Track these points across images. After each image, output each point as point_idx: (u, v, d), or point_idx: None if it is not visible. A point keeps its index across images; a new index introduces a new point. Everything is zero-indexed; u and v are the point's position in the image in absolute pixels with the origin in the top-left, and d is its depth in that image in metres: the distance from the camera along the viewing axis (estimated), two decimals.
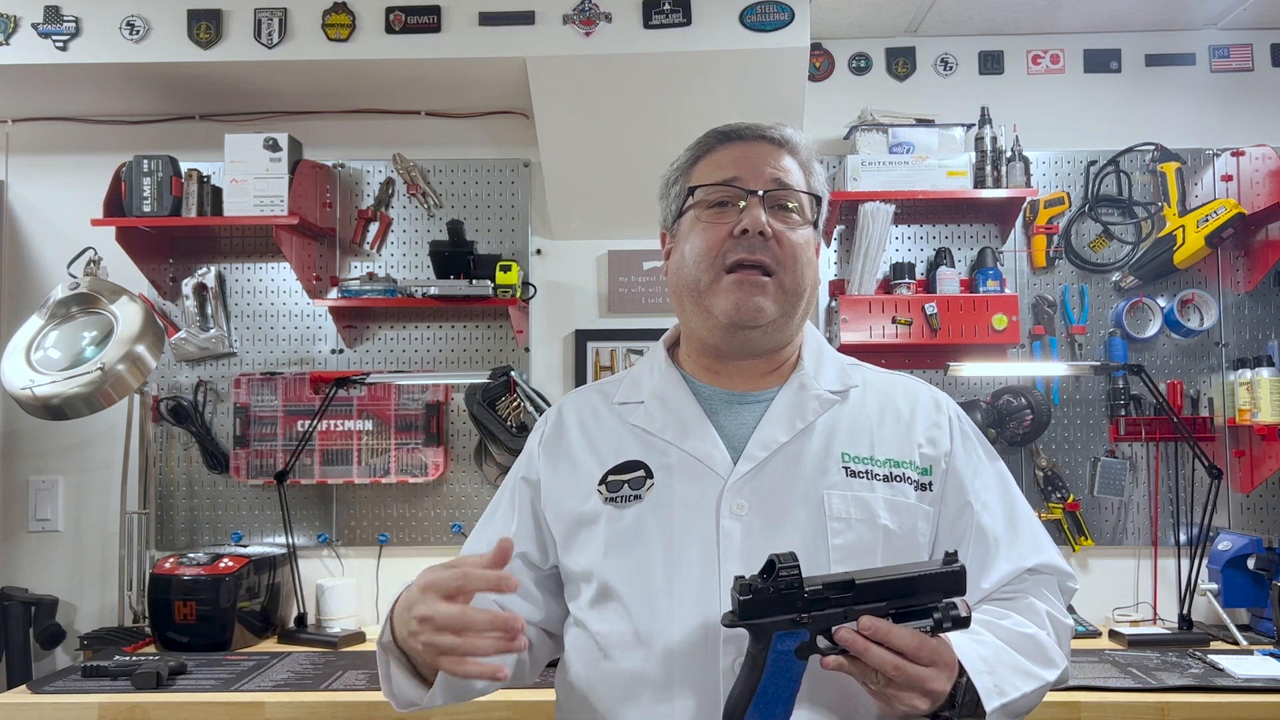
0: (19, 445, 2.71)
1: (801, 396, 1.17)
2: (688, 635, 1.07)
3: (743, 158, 1.17)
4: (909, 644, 0.95)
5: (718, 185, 1.16)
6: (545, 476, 1.22)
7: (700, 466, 1.14)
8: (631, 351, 2.67)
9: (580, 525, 1.16)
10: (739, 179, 1.15)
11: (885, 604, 0.97)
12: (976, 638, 1.06)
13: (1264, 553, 2.34)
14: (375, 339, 2.70)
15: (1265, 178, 2.48)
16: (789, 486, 1.12)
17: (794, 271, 1.14)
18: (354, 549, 2.66)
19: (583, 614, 1.16)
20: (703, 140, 1.21)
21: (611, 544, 1.13)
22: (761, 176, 1.15)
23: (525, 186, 2.71)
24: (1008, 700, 1.03)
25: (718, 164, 1.18)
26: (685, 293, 1.18)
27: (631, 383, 1.26)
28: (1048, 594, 1.19)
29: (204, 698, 1.90)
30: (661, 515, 1.12)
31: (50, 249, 2.72)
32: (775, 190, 1.15)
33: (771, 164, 1.16)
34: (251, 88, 2.57)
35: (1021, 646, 1.09)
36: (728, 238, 1.13)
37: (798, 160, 1.19)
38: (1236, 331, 2.59)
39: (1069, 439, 2.59)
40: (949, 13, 2.58)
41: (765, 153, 1.17)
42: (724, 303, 1.13)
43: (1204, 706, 1.83)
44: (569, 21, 2.34)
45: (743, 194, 1.14)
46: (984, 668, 1.03)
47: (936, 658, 0.97)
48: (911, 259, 2.62)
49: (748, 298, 1.12)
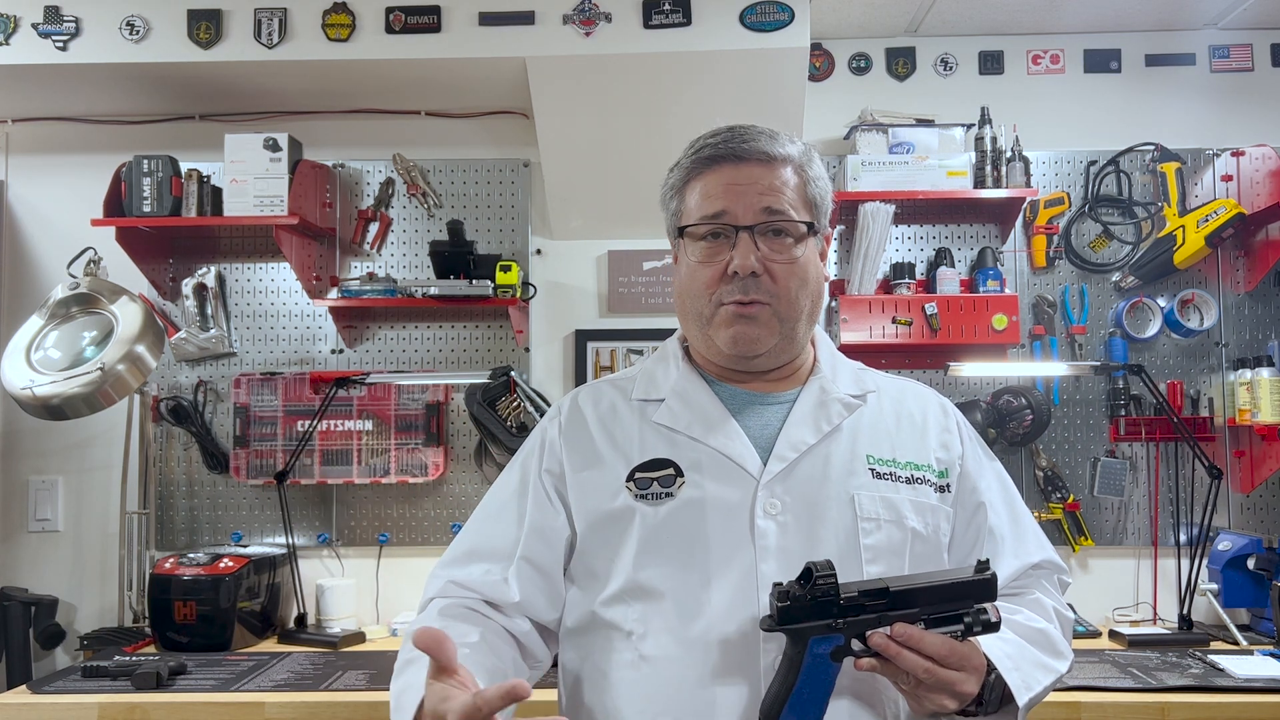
0: (19, 445, 2.71)
1: (824, 399, 1.19)
2: (727, 635, 1.07)
3: (731, 186, 1.15)
4: (939, 650, 0.99)
5: (707, 222, 1.15)
6: (569, 468, 1.20)
7: (731, 465, 1.14)
8: (631, 351, 2.67)
9: (608, 522, 1.15)
10: (727, 213, 1.14)
11: (918, 610, 1.00)
12: (1000, 636, 1.08)
13: (1264, 553, 2.34)
14: (375, 339, 2.70)
15: (1265, 178, 2.48)
16: (820, 487, 1.12)
17: (788, 300, 1.14)
18: (354, 549, 2.66)
19: (607, 611, 1.14)
20: (691, 163, 1.19)
21: (646, 542, 1.12)
22: (751, 208, 1.13)
23: (525, 186, 2.71)
24: (1034, 694, 1.07)
25: (707, 192, 1.16)
26: (690, 319, 1.20)
27: (647, 379, 1.25)
28: (1049, 588, 1.23)
29: (204, 698, 1.90)
30: (695, 514, 1.12)
31: (50, 249, 2.72)
32: (764, 223, 1.14)
33: (761, 189, 1.14)
34: (251, 88, 2.57)
35: (1037, 641, 1.13)
36: (721, 274, 1.14)
37: (792, 169, 1.17)
38: (1236, 331, 2.59)
39: (1069, 439, 2.59)
40: (949, 13, 2.57)
41: (755, 176, 1.15)
42: (723, 336, 1.15)
43: (1204, 706, 1.83)
44: (569, 21, 2.34)
45: (733, 231, 1.13)
46: (1012, 665, 1.07)
47: (965, 662, 1.01)
48: (911, 259, 2.62)
49: (744, 330, 1.14)
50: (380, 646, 2.37)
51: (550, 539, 1.19)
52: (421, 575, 2.75)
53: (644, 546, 1.12)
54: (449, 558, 1.24)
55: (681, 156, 1.22)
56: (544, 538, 1.19)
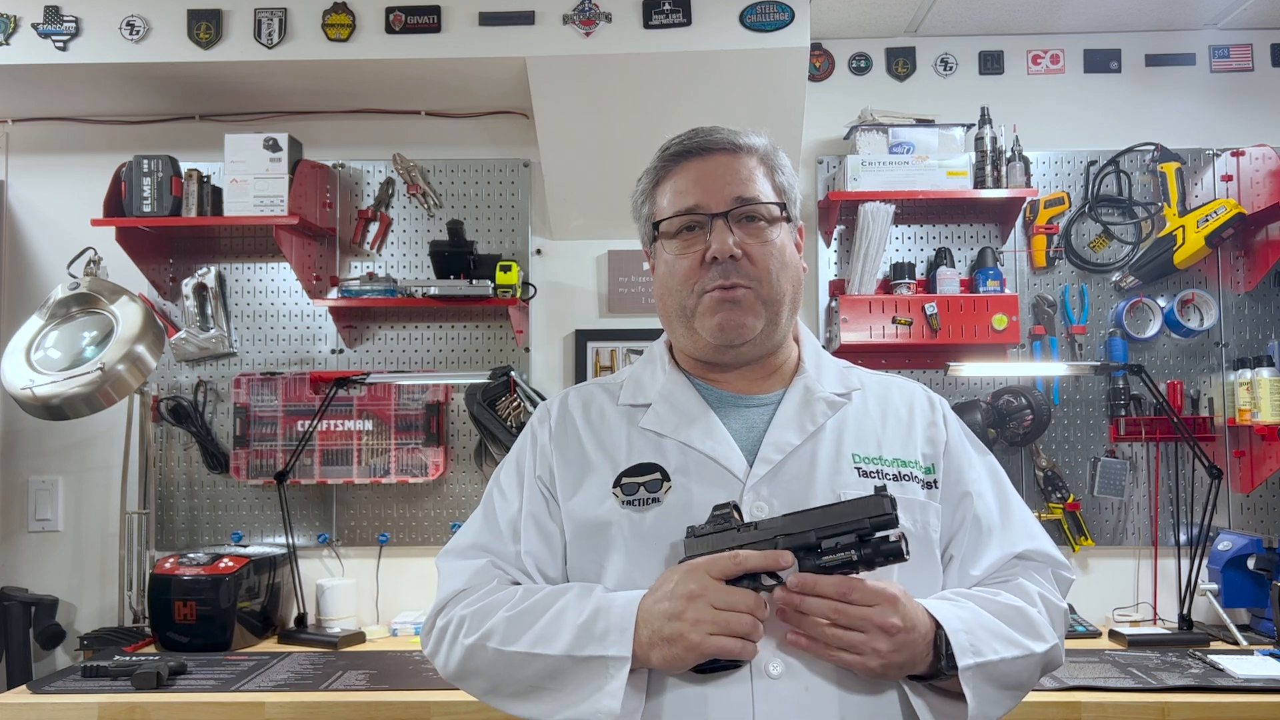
0: (19, 445, 2.71)
1: (808, 399, 1.19)
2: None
3: (701, 178, 1.17)
4: (838, 588, 1.01)
5: (681, 215, 1.16)
6: (558, 475, 1.20)
7: (717, 468, 1.14)
8: (631, 351, 2.67)
9: (595, 529, 1.15)
10: (699, 205, 1.16)
11: (810, 532, 1.04)
12: (956, 604, 1.08)
13: (1264, 553, 2.34)
14: (375, 339, 2.70)
15: (1265, 178, 2.48)
16: (806, 487, 1.13)
17: (769, 283, 1.15)
18: (354, 549, 2.66)
19: None
20: (659, 163, 1.21)
21: (633, 548, 1.12)
22: (721, 197, 1.15)
23: (525, 186, 2.71)
24: (984, 660, 1.04)
25: (678, 189, 1.18)
26: (673, 316, 1.20)
27: (634, 384, 1.25)
28: (1038, 578, 1.20)
29: (204, 698, 1.90)
30: (682, 518, 1.11)
31: (50, 249, 2.72)
32: (738, 208, 1.15)
33: (730, 178, 1.16)
34: (251, 88, 2.57)
35: (1005, 616, 1.10)
36: (700, 263, 1.15)
37: (758, 159, 1.19)
38: (1236, 331, 2.59)
39: (1069, 439, 2.59)
40: (949, 13, 2.58)
41: (723, 166, 1.17)
42: (709, 324, 1.15)
43: (1204, 706, 1.83)
44: (569, 21, 2.34)
45: (706, 219, 1.15)
46: (961, 626, 1.05)
47: (878, 597, 1.01)
48: (911, 259, 2.62)
49: (729, 316, 1.14)
50: (380, 646, 2.37)
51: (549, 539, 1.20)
52: (422, 575, 2.77)
53: (631, 553, 1.12)
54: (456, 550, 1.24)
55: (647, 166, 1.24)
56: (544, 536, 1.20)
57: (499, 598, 1.13)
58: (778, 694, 1.04)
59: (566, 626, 1.05)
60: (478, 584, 1.17)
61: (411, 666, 2.12)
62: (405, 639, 2.44)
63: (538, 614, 1.08)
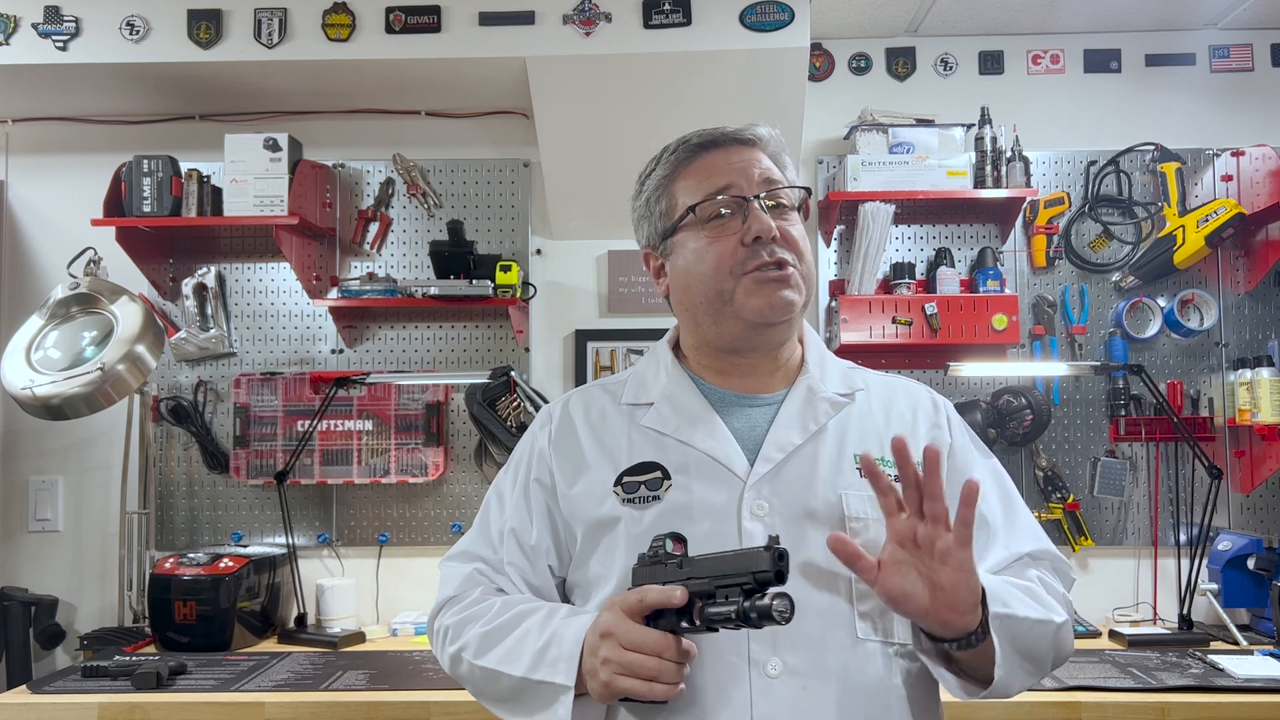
0: (19, 445, 2.71)
1: (811, 399, 1.18)
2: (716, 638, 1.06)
3: (727, 165, 1.17)
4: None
5: (716, 198, 1.16)
6: (559, 477, 1.21)
7: (718, 467, 1.14)
8: (631, 351, 2.67)
9: (599, 529, 1.15)
10: (733, 186, 1.15)
11: (708, 581, 0.97)
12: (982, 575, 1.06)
13: (1264, 553, 2.34)
14: (375, 339, 2.70)
15: (1265, 178, 2.48)
16: (807, 488, 1.12)
17: (805, 263, 1.17)
18: (354, 549, 2.66)
19: None
20: (678, 154, 1.20)
21: (633, 547, 1.11)
22: (753, 180, 1.16)
23: (525, 186, 2.71)
24: (1012, 613, 1.03)
25: (704, 175, 1.17)
26: (703, 306, 1.17)
27: (637, 383, 1.25)
28: (1046, 574, 1.19)
29: (204, 698, 1.90)
30: (682, 516, 1.11)
31: (50, 249, 2.72)
32: (772, 190, 1.16)
33: (755, 164, 1.17)
34: (251, 88, 2.57)
35: (1022, 588, 1.10)
36: (739, 246, 1.14)
37: (770, 155, 1.20)
38: (1236, 331, 2.59)
39: (1069, 439, 2.59)
40: (949, 13, 2.58)
41: (746, 156, 1.18)
42: (755, 303, 1.13)
43: (1204, 706, 1.83)
44: (569, 21, 2.34)
45: (742, 202, 1.14)
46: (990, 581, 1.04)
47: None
48: (911, 259, 2.62)
49: (776, 293, 1.13)
50: (380, 646, 2.37)
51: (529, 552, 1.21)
52: (422, 575, 2.77)
53: (631, 552, 1.12)
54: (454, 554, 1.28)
55: (654, 167, 1.23)
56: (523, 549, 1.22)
57: (478, 610, 1.17)
58: (776, 693, 1.04)
59: (526, 650, 1.09)
60: (464, 591, 1.22)
61: (411, 666, 2.12)
62: (405, 639, 2.44)
63: (505, 632, 1.13)
